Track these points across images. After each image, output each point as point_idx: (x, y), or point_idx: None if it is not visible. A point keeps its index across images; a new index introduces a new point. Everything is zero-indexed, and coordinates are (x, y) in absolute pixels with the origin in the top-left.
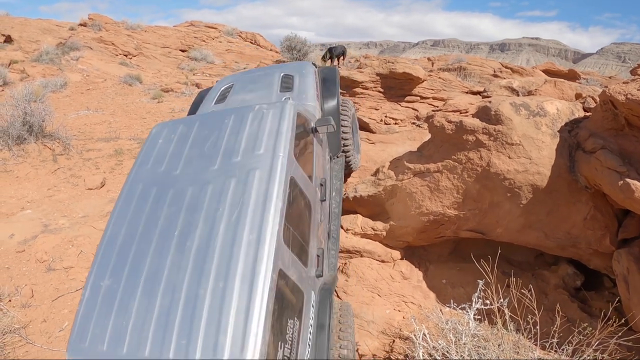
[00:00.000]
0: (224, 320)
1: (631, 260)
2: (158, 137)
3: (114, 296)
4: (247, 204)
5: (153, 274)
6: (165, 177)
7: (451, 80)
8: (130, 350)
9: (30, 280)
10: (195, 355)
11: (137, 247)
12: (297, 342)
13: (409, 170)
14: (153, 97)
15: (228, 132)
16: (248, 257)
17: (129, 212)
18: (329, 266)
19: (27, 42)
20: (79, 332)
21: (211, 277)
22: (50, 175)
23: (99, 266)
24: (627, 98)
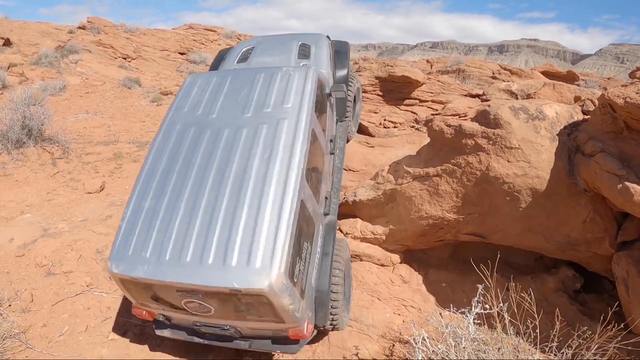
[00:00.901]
0: (257, 235)
1: (630, 263)
2: (192, 86)
3: (156, 214)
4: (278, 146)
5: (194, 197)
6: (202, 119)
7: (450, 83)
8: (172, 256)
9: (29, 284)
10: (232, 262)
11: (178, 175)
12: (308, 263)
13: (408, 174)
14: (152, 100)
15: (259, 87)
16: (278, 187)
17: (169, 146)
18: (331, 210)
19: (26, 45)
20: (121, 244)
21: (246, 201)
22: (50, 179)
23: (140, 190)
24: (625, 101)
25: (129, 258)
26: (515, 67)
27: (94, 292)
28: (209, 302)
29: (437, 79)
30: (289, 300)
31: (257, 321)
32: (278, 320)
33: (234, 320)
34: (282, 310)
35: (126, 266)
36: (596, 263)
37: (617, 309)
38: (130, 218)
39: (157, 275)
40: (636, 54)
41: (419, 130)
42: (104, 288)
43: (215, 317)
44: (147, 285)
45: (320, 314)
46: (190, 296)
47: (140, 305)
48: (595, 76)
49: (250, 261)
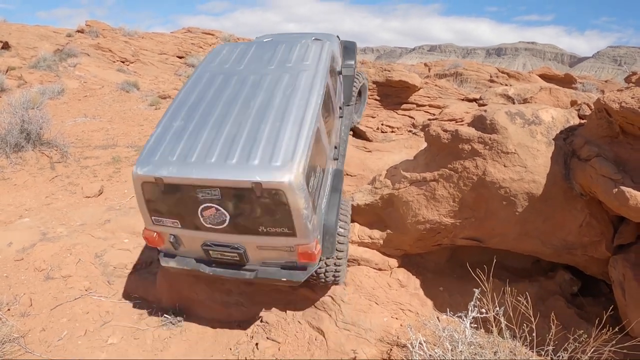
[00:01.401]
0: (279, 142)
1: (627, 266)
2: (221, 50)
3: (184, 130)
4: (298, 87)
5: (222, 117)
6: (230, 69)
7: (447, 87)
8: (198, 159)
9: (28, 288)
10: (254, 162)
11: (207, 105)
12: (320, 186)
13: (405, 179)
14: (150, 104)
15: (281, 51)
16: (299, 111)
17: (199, 87)
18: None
19: (25, 49)
20: (148, 152)
21: (270, 119)
22: (48, 183)
23: (169, 115)
24: (621, 106)
25: (155, 162)
26: (512, 70)
27: (93, 296)
28: (226, 205)
29: (435, 84)
30: (304, 203)
31: (269, 235)
32: (288, 230)
33: (246, 235)
34: (297, 212)
35: (151, 167)
36: (593, 266)
37: (612, 312)
38: (159, 134)
39: (182, 173)
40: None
41: (416, 134)
42: (102, 292)
43: (227, 231)
44: (168, 188)
45: (327, 244)
46: (209, 198)
47: (153, 222)
48: (592, 79)
49: (272, 160)
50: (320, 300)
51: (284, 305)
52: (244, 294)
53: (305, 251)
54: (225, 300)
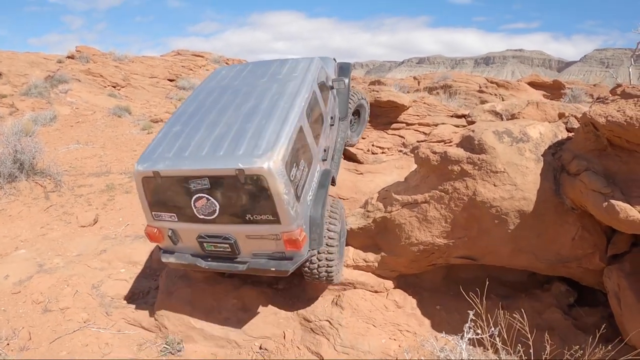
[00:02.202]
0: (262, 135)
1: (621, 276)
2: (220, 71)
3: (182, 133)
4: (285, 92)
5: (215, 120)
6: (226, 85)
7: (436, 105)
8: (191, 153)
9: (27, 322)
10: (239, 152)
11: (203, 113)
12: (304, 181)
13: (397, 202)
14: (143, 128)
15: (274, 67)
16: (283, 110)
17: (197, 100)
18: (333, 166)
19: (16, 76)
20: (149, 152)
21: (257, 119)
22: (43, 213)
23: (169, 123)
24: (607, 120)
25: (154, 158)
26: (501, 80)
27: (92, 328)
28: (215, 194)
29: (423, 101)
30: (284, 188)
31: (256, 223)
32: (272, 218)
33: (235, 225)
34: (278, 196)
35: (150, 163)
36: (588, 277)
37: (611, 320)
38: (159, 138)
39: (175, 166)
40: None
41: (407, 154)
42: (101, 324)
43: (218, 221)
44: (164, 181)
45: (314, 235)
46: (200, 188)
47: (154, 218)
48: (581, 84)
49: (255, 150)
50: (318, 325)
51: (282, 329)
52: (242, 322)
53: (290, 238)
54: (224, 327)
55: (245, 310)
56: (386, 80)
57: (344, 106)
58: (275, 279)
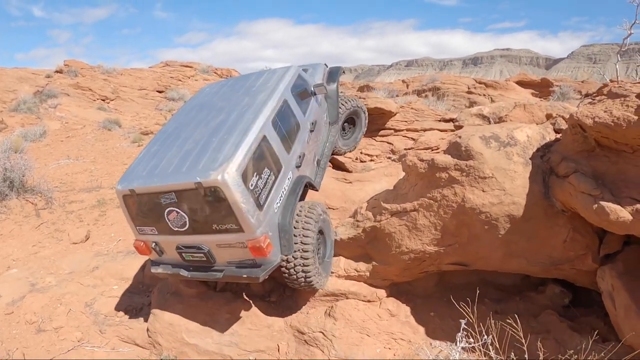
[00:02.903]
0: (222, 148)
1: (615, 276)
2: (205, 88)
3: (157, 152)
4: (253, 104)
5: (186, 137)
6: (206, 101)
7: (423, 109)
8: (160, 171)
9: (21, 343)
10: (199, 166)
11: (179, 131)
12: (271, 187)
13: (386, 211)
14: (133, 141)
15: (251, 81)
16: (247, 122)
17: (177, 118)
18: (315, 179)
19: (4, 92)
20: (128, 172)
21: (221, 133)
22: (34, 231)
23: (151, 142)
24: (594, 121)
25: (130, 178)
26: (489, 80)
27: (86, 347)
28: (182, 207)
29: (411, 107)
30: (241, 198)
31: (222, 232)
32: (235, 226)
33: (204, 235)
34: (236, 206)
35: (127, 183)
36: (582, 278)
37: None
38: (139, 158)
39: (146, 183)
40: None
41: (395, 161)
42: (95, 342)
43: (190, 232)
44: (140, 197)
45: (283, 241)
46: (169, 202)
47: (139, 232)
48: (569, 80)
49: (213, 163)
50: (312, 336)
51: (276, 342)
52: (235, 334)
53: (254, 245)
54: (218, 342)
55: (238, 324)
56: (375, 85)
57: (334, 111)
58: (267, 291)
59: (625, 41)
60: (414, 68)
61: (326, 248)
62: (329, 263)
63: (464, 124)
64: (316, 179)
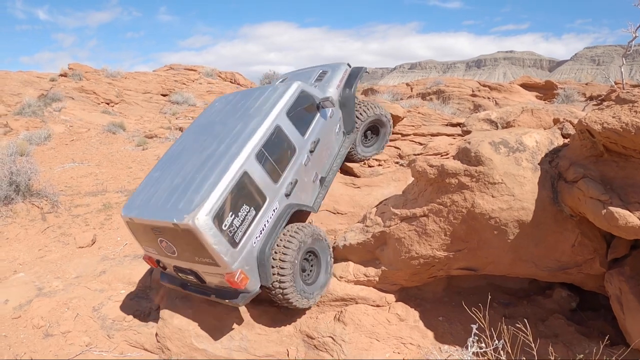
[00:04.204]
0: (200, 188)
1: (622, 280)
2: (215, 102)
3: (156, 180)
4: (241, 135)
5: (179, 168)
6: (208, 121)
7: (430, 114)
8: (152, 203)
9: (28, 347)
10: (179, 205)
11: (178, 156)
12: (249, 223)
13: (395, 216)
14: (137, 144)
15: (253, 98)
16: (228, 160)
17: (183, 138)
18: (315, 200)
19: (9, 96)
20: (132, 198)
21: (205, 169)
22: (40, 234)
23: (156, 166)
24: (603, 127)
25: (131, 206)
26: (493, 83)
27: (94, 352)
28: (168, 239)
29: (417, 111)
30: (213, 239)
31: (203, 263)
32: (212, 261)
33: (192, 263)
34: (208, 246)
35: (127, 211)
36: (589, 282)
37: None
38: (142, 183)
39: (140, 215)
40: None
41: (403, 166)
42: (103, 347)
43: (180, 258)
44: (138, 225)
45: (261, 273)
46: (159, 233)
47: (144, 249)
48: (573, 83)
49: (188, 204)
50: (322, 341)
51: (286, 346)
52: (245, 339)
53: (229, 279)
54: (227, 347)
55: (247, 329)
56: (379, 88)
57: (349, 120)
58: None
59: (630, 44)
60: (418, 71)
61: (320, 266)
62: (324, 280)
63: (471, 129)
64: (316, 200)
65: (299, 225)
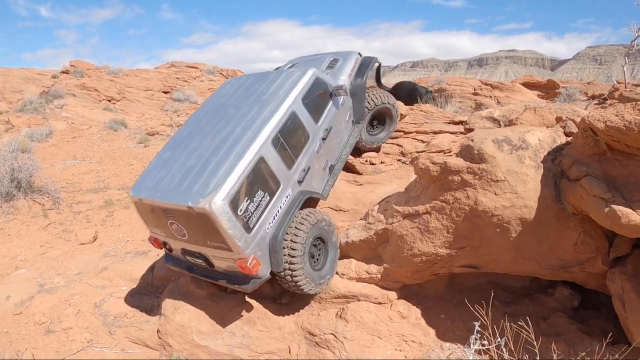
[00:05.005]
0: (217, 172)
1: (625, 279)
2: (226, 84)
3: (168, 160)
4: (257, 119)
5: (193, 149)
6: (221, 103)
7: (432, 112)
8: (164, 185)
9: (30, 344)
10: (194, 189)
11: (189, 139)
12: (264, 209)
13: (398, 213)
14: (139, 142)
15: (267, 82)
16: (245, 144)
17: (193, 119)
18: (324, 187)
19: (11, 93)
20: (141, 178)
21: (221, 152)
22: (42, 231)
23: (164, 148)
24: (606, 125)
25: (141, 187)
26: (495, 81)
27: (95, 348)
28: (180, 222)
29: (420, 109)
30: (228, 224)
31: (215, 247)
32: (225, 246)
33: (202, 247)
34: (223, 231)
35: (137, 192)
36: (591, 281)
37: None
38: (152, 164)
39: (151, 197)
40: (613, 54)
41: (405, 163)
42: (104, 343)
43: (190, 242)
44: (147, 206)
45: (272, 259)
46: (170, 215)
47: (151, 231)
48: (575, 82)
49: (205, 188)
50: (323, 338)
51: (288, 343)
52: (246, 336)
53: (242, 265)
54: (229, 344)
55: (249, 325)
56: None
57: (359, 109)
58: (278, 293)
59: (633, 43)
60: (419, 69)
61: (327, 254)
62: (331, 268)
63: (474, 127)
64: (325, 187)
65: (309, 210)
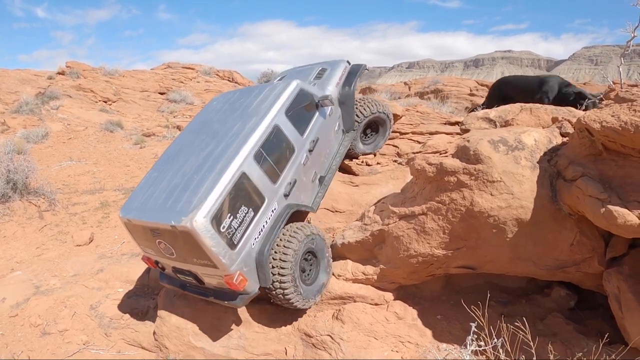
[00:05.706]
0: (198, 190)
1: (621, 279)
2: (214, 100)
3: (154, 181)
4: (239, 134)
5: (178, 168)
6: (207, 119)
7: (429, 112)
8: (151, 204)
9: (26, 346)
10: (177, 207)
11: (175, 156)
12: (248, 224)
13: (394, 214)
14: (135, 143)
15: (252, 96)
16: (226, 161)
17: (181, 138)
18: (314, 200)
19: (6, 94)
20: (130, 199)
21: (203, 169)
22: (38, 233)
23: (153, 167)
24: (602, 126)
25: (129, 207)
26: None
27: (91, 350)
28: (167, 241)
29: (416, 109)
30: (211, 241)
31: (201, 265)
32: (210, 263)
33: (190, 265)
34: (207, 249)
35: (125, 212)
36: (587, 281)
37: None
38: (141, 184)
39: (138, 217)
40: (609, 55)
41: (401, 164)
42: (101, 345)
43: (178, 260)
44: (136, 226)
45: (260, 274)
46: (157, 234)
47: (143, 250)
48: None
49: (187, 206)
50: (320, 340)
51: (284, 345)
52: (243, 338)
53: (228, 281)
54: (225, 345)
55: (245, 327)
56: (377, 87)
57: (349, 118)
58: None
59: (629, 44)
60: (416, 70)
61: (319, 267)
62: (323, 283)
63: (470, 128)
64: (315, 199)
65: (298, 225)
